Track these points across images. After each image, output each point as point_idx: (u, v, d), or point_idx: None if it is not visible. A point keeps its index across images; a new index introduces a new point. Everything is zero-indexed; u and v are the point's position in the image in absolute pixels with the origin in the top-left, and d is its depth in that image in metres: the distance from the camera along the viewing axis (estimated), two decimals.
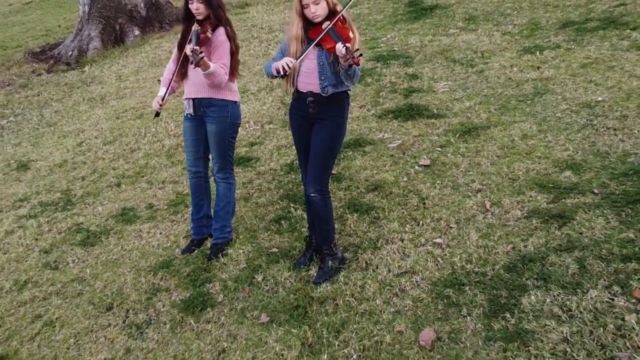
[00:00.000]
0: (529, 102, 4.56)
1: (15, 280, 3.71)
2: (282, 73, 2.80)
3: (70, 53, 9.37)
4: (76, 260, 3.82)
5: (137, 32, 9.62)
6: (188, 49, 3.06)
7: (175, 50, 3.49)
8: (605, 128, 3.91)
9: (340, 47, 2.66)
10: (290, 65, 2.81)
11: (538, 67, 5.14)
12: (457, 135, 4.26)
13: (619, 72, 4.67)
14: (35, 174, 5.38)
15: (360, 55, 2.68)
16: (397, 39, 6.80)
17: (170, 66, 3.52)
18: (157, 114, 3.49)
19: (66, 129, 6.36)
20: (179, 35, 3.47)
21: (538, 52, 5.48)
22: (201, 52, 3.02)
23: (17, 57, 10.08)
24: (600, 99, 4.29)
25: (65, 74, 8.48)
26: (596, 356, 2.23)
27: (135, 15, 9.85)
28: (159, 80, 7.04)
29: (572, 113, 4.21)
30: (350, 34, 2.87)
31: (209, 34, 3.23)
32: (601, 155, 3.61)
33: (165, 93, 3.43)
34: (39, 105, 7.40)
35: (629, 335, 2.26)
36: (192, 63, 3.03)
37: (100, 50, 9.18)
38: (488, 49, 5.87)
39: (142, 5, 9.95)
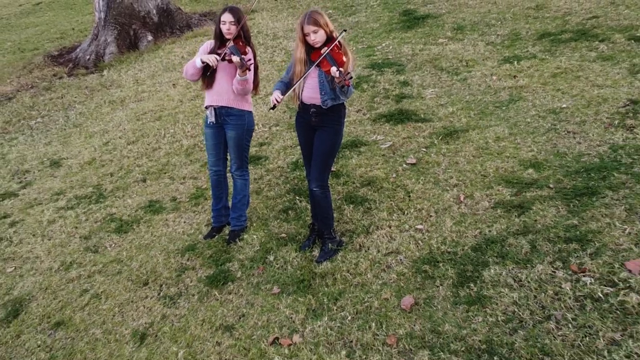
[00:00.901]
0: (504, 108, 5.15)
1: (62, 262, 4.32)
2: (271, 106, 3.48)
3: (88, 57, 9.95)
4: (113, 245, 4.43)
5: (150, 38, 10.20)
6: (235, 58, 3.62)
7: (198, 57, 3.97)
8: (566, 132, 4.50)
9: (334, 71, 3.24)
10: (279, 100, 3.44)
11: (514, 76, 5.73)
12: (440, 137, 4.86)
13: (583, 82, 5.26)
14: (67, 170, 5.97)
15: (351, 77, 3.26)
16: (391, 47, 7.37)
17: (195, 60, 3.96)
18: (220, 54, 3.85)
19: (91, 129, 6.95)
20: (202, 48, 4.00)
21: (516, 62, 6.07)
22: (249, 60, 3.61)
23: (38, 60, 10.64)
24: (564, 106, 4.88)
25: (86, 78, 9.06)
26: (537, 315, 2.84)
27: (148, 22, 10.42)
28: (174, 85, 7.64)
29: (540, 118, 4.80)
30: (344, 58, 3.43)
31: (247, 49, 3.79)
32: (560, 155, 4.21)
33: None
34: (64, 107, 7.99)
35: (564, 298, 2.86)
36: (240, 67, 3.60)
37: (117, 55, 9.77)
38: (472, 58, 6.45)
39: (154, 11, 10.52)
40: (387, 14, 8.94)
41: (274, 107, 3.53)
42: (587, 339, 2.63)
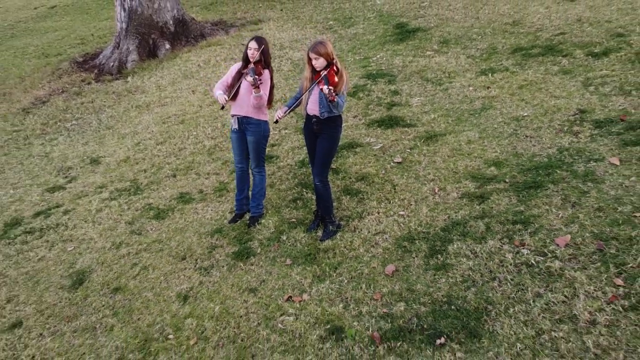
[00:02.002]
0: (476, 115, 6.04)
1: (113, 242, 5.22)
2: (274, 120, 4.50)
3: (112, 64, 10.83)
4: (153, 229, 5.33)
5: (167, 46, 11.07)
6: (249, 78, 4.50)
7: (227, 78, 4.87)
8: (524, 136, 5.39)
9: (324, 89, 4.13)
10: (279, 117, 4.49)
11: (488, 87, 6.61)
12: (422, 140, 5.75)
13: (544, 93, 6.14)
14: (106, 167, 6.87)
15: (337, 94, 4.13)
16: (384, 59, 8.25)
17: (220, 83, 4.87)
18: (223, 107, 4.82)
19: (122, 131, 7.84)
20: (233, 68, 4.87)
21: (490, 74, 6.94)
22: (260, 81, 4.50)
23: (65, 66, 11.51)
24: (525, 114, 5.77)
25: (112, 84, 9.94)
26: (485, 277, 3.74)
27: (165, 31, 11.29)
28: (193, 91, 8.52)
29: (504, 124, 5.69)
30: (336, 79, 4.29)
31: (262, 71, 4.68)
32: (517, 156, 5.10)
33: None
34: (95, 110, 8.88)
35: (506, 265, 3.77)
36: (253, 85, 4.49)
37: (138, 63, 10.64)
38: (454, 70, 7.33)
39: (171, 22, 11.38)
40: (382, 27, 9.81)
41: (276, 122, 4.48)
42: (520, 292, 3.54)
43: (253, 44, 4.63)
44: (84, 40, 14.49)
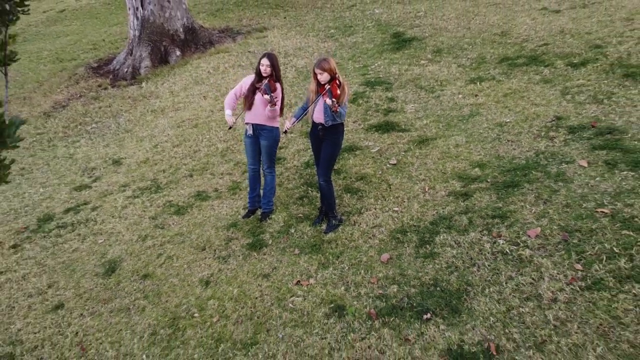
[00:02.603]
0: (464, 121, 6.62)
1: (139, 235, 5.81)
2: (283, 130, 5.02)
3: (126, 70, 11.41)
4: (175, 223, 5.92)
5: (178, 53, 11.65)
6: (266, 96, 5.08)
7: (242, 87, 5.43)
8: (506, 140, 5.98)
9: (328, 101, 4.71)
10: (288, 128, 5.10)
11: (476, 95, 7.19)
12: (415, 144, 6.33)
13: (525, 101, 6.72)
14: (127, 167, 7.45)
15: (339, 105, 4.72)
16: (382, 67, 8.82)
17: (232, 95, 5.46)
18: (230, 128, 5.46)
19: (140, 134, 8.42)
20: (246, 81, 5.44)
21: (479, 83, 7.52)
22: (276, 97, 5.09)
23: (80, 71, 12.08)
24: (508, 120, 6.35)
25: (127, 89, 10.51)
26: (466, 263, 4.33)
27: (176, 39, 11.86)
28: (204, 97, 9.09)
29: (489, 130, 6.27)
30: (338, 91, 4.87)
31: (276, 87, 5.25)
32: (499, 158, 5.69)
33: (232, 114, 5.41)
34: (113, 114, 9.46)
35: (485, 253, 4.35)
36: (270, 102, 5.07)
37: (151, 69, 11.22)
38: (446, 79, 7.91)
39: (181, 30, 11.96)
40: (380, 36, 10.38)
41: (285, 133, 5.07)
42: (495, 276, 4.13)
43: (265, 61, 5.20)
44: (96, 45, 15.02)
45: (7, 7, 3.30)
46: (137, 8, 11.70)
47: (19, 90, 11.85)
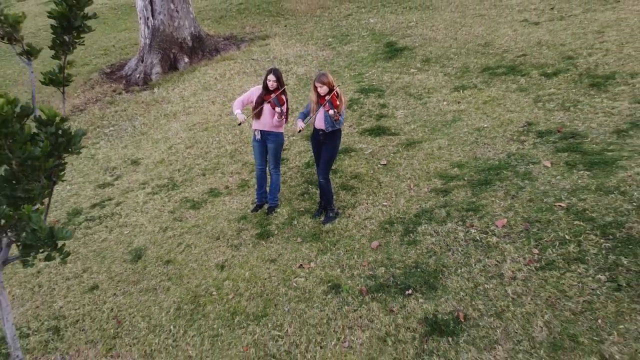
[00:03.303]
0: (447, 126, 7.35)
1: (160, 227, 6.53)
2: (297, 130, 5.68)
3: (138, 76, 12.11)
4: (191, 216, 6.64)
5: (186, 60, 12.36)
6: (277, 109, 5.80)
7: (250, 97, 6.12)
8: (483, 144, 6.71)
9: (331, 112, 5.44)
10: (302, 127, 5.66)
11: (459, 102, 7.92)
12: (403, 146, 7.06)
13: (502, 108, 7.45)
14: (145, 167, 8.16)
15: (340, 115, 5.45)
16: (375, 75, 9.55)
17: (240, 101, 6.13)
18: (240, 124, 6.13)
19: (155, 137, 9.13)
20: (254, 91, 6.15)
21: (462, 91, 8.25)
22: (286, 114, 5.81)
23: (95, 77, 12.78)
24: (485, 125, 7.09)
25: (140, 94, 11.21)
26: (443, 249, 5.06)
27: (184, 46, 12.57)
28: (212, 102, 9.80)
29: (468, 134, 7.00)
30: (338, 102, 5.60)
31: (283, 98, 5.97)
32: (476, 159, 6.42)
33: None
34: (128, 118, 10.17)
35: (459, 240, 5.09)
36: (279, 115, 5.78)
37: (161, 75, 11.92)
38: (433, 87, 8.64)
39: (188, 38, 12.66)
40: (374, 45, 11.10)
41: (299, 132, 5.77)
42: (466, 259, 4.86)
43: (272, 77, 5.91)
44: (107, 51, 15.65)
45: (67, 39, 4.02)
46: (147, 18, 12.39)
47: (38, 95, 12.52)
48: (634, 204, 5.00)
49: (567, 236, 4.81)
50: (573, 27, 9.71)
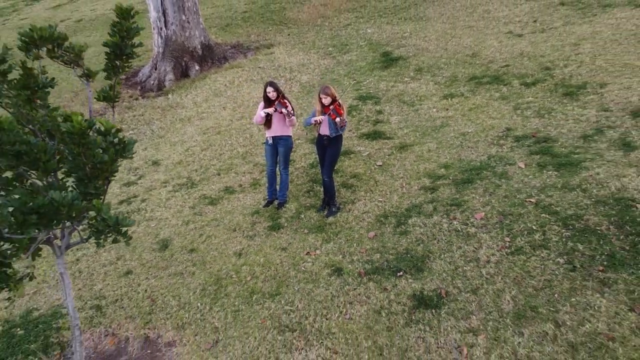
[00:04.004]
0: (436, 131, 8.15)
1: (183, 220, 7.31)
2: (315, 122, 6.43)
3: (152, 82, 12.88)
4: (209, 211, 7.43)
5: (197, 67, 13.14)
6: (284, 110, 6.59)
7: (261, 111, 6.93)
8: (467, 147, 7.51)
9: (337, 120, 6.24)
10: (319, 120, 6.41)
11: (447, 109, 8.71)
12: (397, 149, 7.86)
13: (485, 115, 8.25)
14: (165, 168, 8.95)
15: (345, 122, 6.25)
16: (372, 83, 10.34)
17: (259, 118, 6.95)
18: (268, 114, 6.87)
19: (172, 140, 9.92)
20: (260, 106, 6.95)
21: (450, 98, 9.04)
22: (293, 111, 6.59)
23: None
24: (470, 130, 7.88)
25: (155, 100, 11.99)
26: (429, 237, 5.86)
27: (195, 55, 13.34)
28: (223, 108, 10.58)
29: (455, 138, 7.80)
30: (342, 111, 6.40)
31: (286, 102, 6.75)
32: (460, 161, 7.22)
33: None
34: (146, 122, 10.94)
35: (443, 230, 5.89)
36: (288, 114, 6.57)
37: (174, 82, 12.70)
38: (424, 95, 9.43)
39: (199, 47, 13.44)
40: (372, 54, 11.88)
41: (318, 123, 6.47)
42: (448, 246, 5.66)
43: (270, 89, 6.68)
44: None
45: (118, 63, 4.82)
46: (161, 28, 13.17)
47: (57, 100, 13.28)
48: (593, 199, 5.81)
49: (534, 227, 5.62)
50: (553, 39, 10.50)
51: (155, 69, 13.21)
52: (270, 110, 6.76)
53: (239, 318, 5.40)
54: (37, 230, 3.84)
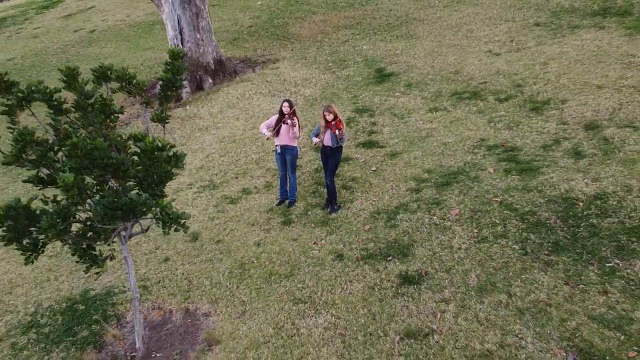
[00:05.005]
0: (422, 141, 9.40)
1: (208, 217, 8.53)
2: (316, 144, 7.71)
3: None
4: (231, 209, 8.66)
5: (210, 81, 14.37)
6: (290, 122, 7.83)
7: (270, 123, 8.16)
8: (447, 155, 8.76)
9: (337, 132, 7.49)
10: (317, 142, 7.69)
11: (431, 121, 9.97)
12: (388, 156, 9.11)
13: (463, 127, 9.51)
14: (189, 172, 10.17)
15: (344, 135, 7.50)
16: (367, 97, 11.58)
17: (264, 125, 8.18)
18: (268, 139, 8.17)
19: (193, 147, 11.14)
20: (273, 117, 8.18)
21: (434, 112, 10.30)
22: (298, 128, 7.84)
23: None
24: (450, 141, 9.14)
25: (175, 110, 13.19)
26: (414, 230, 7.12)
27: (208, 69, 14.57)
28: (237, 119, 11.81)
29: (437, 147, 9.06)
30: (341, 126, 7.64)
31: (294, 118, 7.99)
32: (441, 167, 8.47)
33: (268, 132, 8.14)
34: (168, 131, 12.14)
35: (424, 223, 7.15)
36: (292, 126, 7.82)
37: (190, 94, 13.92)
38: (412, 108, 10.69)
39: (212, 62, 14.67)
40: (367, 70, 13.13)
41: (315, 144, 7.78)
42: (429, 236, 6.92)
43: (286, 104, 7.92)
44: (137, 69, 17.46)
45: (169, 93, 6.04)
46: (177, 45, 14.38)
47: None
48: (545, 199, 7.08)
49: (497, 221, 6.88)
50: (526, 58, 11.77)
51: None
52: (269, 134, 8.01)
53: (261, 294, 6.64)
54: (120, 223, 5.08)
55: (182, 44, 14.36)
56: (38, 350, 6.44)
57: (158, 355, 6.09)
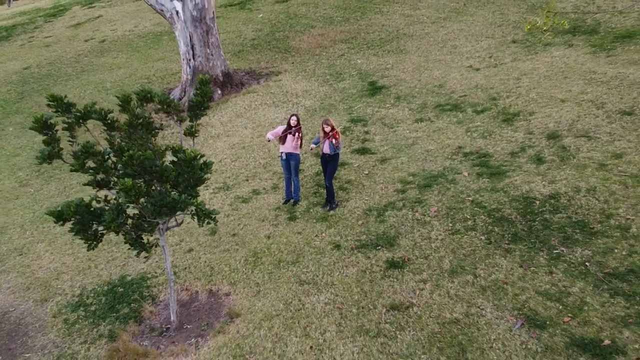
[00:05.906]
0: (408, 148, 10.65)
1: (224, 214, 9.74)
2: (312, 149, 8.97)
3: (183, 104, 15.30)
4: (243, 208, 9.88)
5: (219, 92, 15.59)
6: (297, 135, 9.07)
7: (278, 132, 9.41)
8: (429, 160, 10.01)
9: (334, 142, 8.74)
10: (313, 148, 8.95)
11: (417, 131, 11.22)
12: (379, 162, 10.35)
13: (444, 136, 10.76)
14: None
15: (339, 144, 8.76)
16: (361, 109, 12.83)
17: (270, 133, 9.43)
18: (269, 141, 9.44)
19: (207, 153, 12.34)
20: (280, 127, 9.42)
21: (419, 122, 11.55)
22: (301, 141, 9.10)
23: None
24: (432, 148, 10.40)
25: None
26: (400, 224, 8.38)
27: (217, 81, 15.79)
28: (245, 127, 13.05)
29: (421, 154, 10.31)
30: (338, 136, 8.89)
31: (300, 133, 9.23)
32: (424, 171, 9.72)
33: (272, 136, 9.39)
34: (183, 138, 13.33)
35: (408, 219, 8.40)
36: (298, 139, 9.06)
37: None
38: (401, 119, 11.93)
39: (220, 74, 15.89)
40: (361, 83, 14.38)
41: (311, 149, 9.07)
42: (411, 229, 8.17)
43: (294, 118, 9.16)
44: (150, 79, 18.62)
45: (198, 112, 7.26)
46: (189, 59, 15.61)
47: None
48: (509, 198, 8.35)
49: (468, 216, 8.14)
50: (502, 73, 13.04)
51: (185, 93, 15.64)
52: (271, 137, 9.26)
53: (272, 277, 7.88)
54: (165, 217, 6.32)
55: (193, 58, 15.57)
56: (87, 324, 7.65)
57: (189, 326, 7.32)
